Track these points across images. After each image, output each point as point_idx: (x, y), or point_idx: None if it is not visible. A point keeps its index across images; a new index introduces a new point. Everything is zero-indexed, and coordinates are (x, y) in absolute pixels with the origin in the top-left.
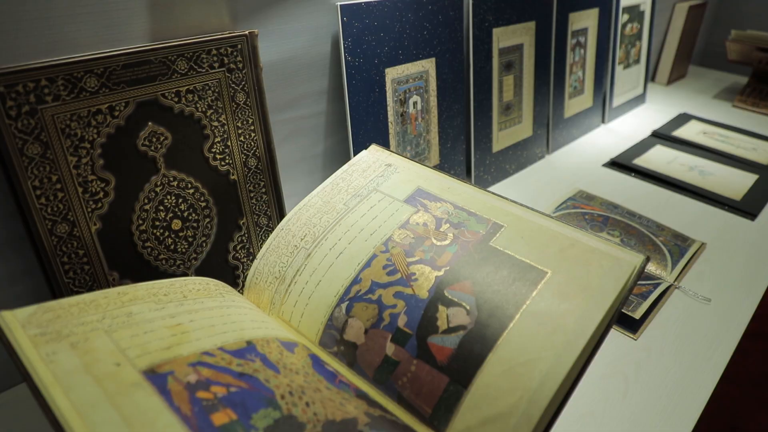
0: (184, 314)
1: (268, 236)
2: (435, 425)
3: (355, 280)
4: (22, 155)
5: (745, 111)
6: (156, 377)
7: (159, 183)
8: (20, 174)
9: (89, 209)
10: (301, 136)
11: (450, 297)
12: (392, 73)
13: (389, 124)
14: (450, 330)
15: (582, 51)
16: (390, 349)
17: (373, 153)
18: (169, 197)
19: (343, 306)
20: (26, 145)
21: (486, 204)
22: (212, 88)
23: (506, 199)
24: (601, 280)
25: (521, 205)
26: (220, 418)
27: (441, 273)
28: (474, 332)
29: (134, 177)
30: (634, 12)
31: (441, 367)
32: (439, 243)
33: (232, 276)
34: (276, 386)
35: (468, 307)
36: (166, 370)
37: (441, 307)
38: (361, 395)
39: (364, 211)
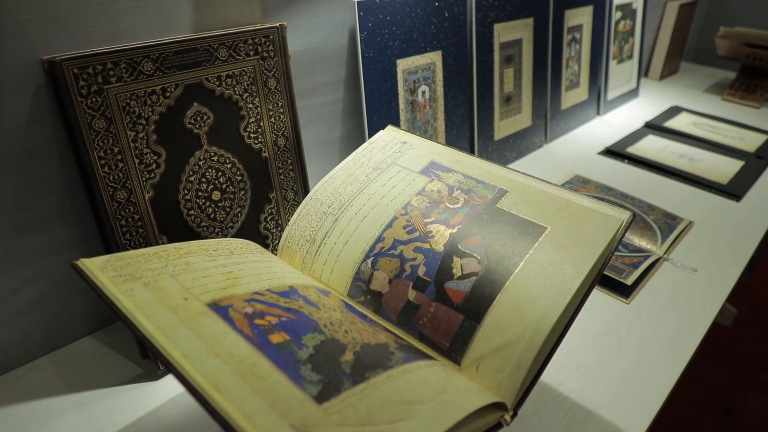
0: (234, 264)
1: (295, 209)
2: (452, 356)
3: (379, 239)
4: (91, 129)
5: (733, 104)
6: (219, 308)
7: (202, 157)
8: (88, 145)
9: (144, 179)
10: (320, 122)
11: (463, 249)
12: (403, 64)
13: (400, 111)
14: (464, 276)
15: (577, 46)
16: (412, 294)
17: (389, 132)
18: (210, 171)
19: (369, 261)
20: (94, 120)
21: (492, 173)
22: (248, 74)
23: (510, 168)
24: (594, 233)
25: (523, 173)
26: (276, 338)
27: (455, 230)
28: (485, 277)
29: (181, 151)
30: (627, 10)
31: (457, 307)
32: (452, 206)
33: (263, 245)
34: (318, 318)
35: (479, 258)
36: (226, 304)
37: (455, 258)
38: (389, 331)
39: (384, 181)
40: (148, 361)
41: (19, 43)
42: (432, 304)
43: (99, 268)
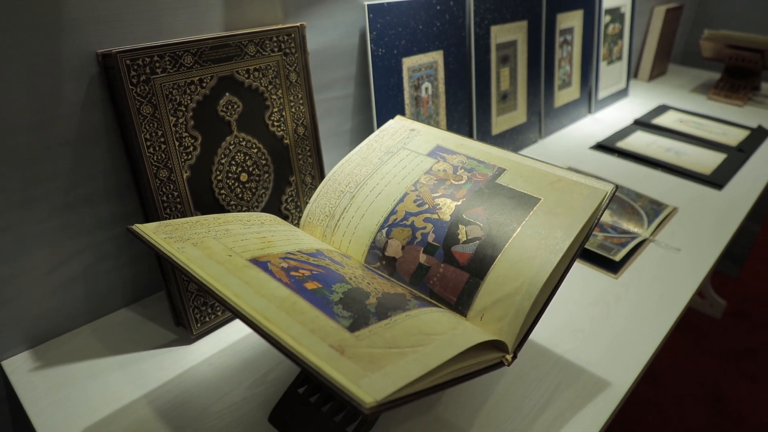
0: (266, 232)
1: (312, 192)
2: (460, 309)
3: (392, 212)
4: (139, 114)
5: (718, 102)
6: (259, 263)
7: (232, 142)
8: (137, 128)
9: (182, 160)
10: (332, 116)
11: (467, 218)
12: (408, 62)
13: (405, 106)
14: (468, 241)
15: (569, 48)
16: (422, 258)
17: (399, 121)
18: (239, 155)
19: (384, 231)
20: (142, 106)
21: (491, 154)
22: (272, 68)
23: (507, 150)
24: (582, 203)
25: (518, 154)
26: (310, 285)
27: (459, 203)
28: (486, 241)
29: (215, 136)
30: (616, 14)
31: (462, 267)
32: (456, 183)
33: None
34: (344, 273)
35: (481, 225)
36: (265, 260)
37: (461, 226)
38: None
39: (395, 163)
40: (182, 328)
41: (75, 39)
42: (441, 266)
43: (152, 231)
